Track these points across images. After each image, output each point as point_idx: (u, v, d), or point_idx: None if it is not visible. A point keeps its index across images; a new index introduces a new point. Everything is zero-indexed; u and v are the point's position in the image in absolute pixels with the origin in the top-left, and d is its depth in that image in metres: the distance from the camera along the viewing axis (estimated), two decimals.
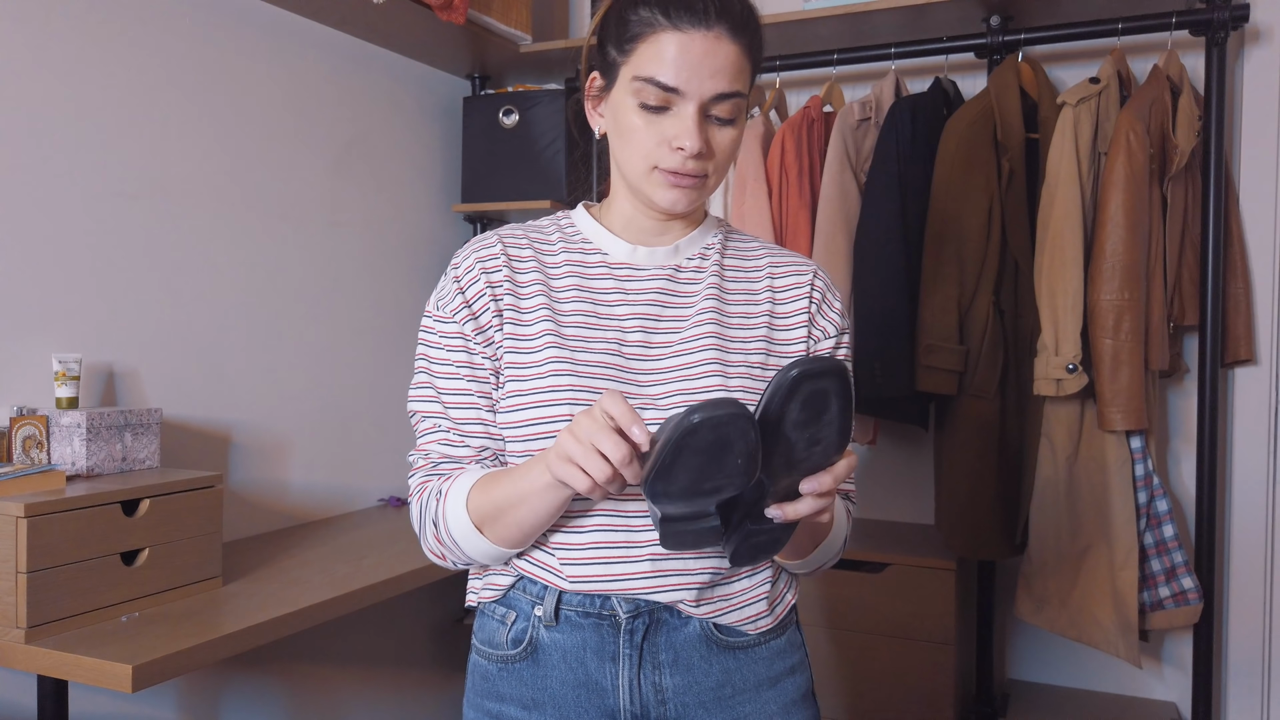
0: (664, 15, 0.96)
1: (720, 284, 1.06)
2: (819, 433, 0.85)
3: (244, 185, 2.15)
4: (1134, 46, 2.32)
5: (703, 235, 1.10)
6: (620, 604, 1.00)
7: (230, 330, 2.12)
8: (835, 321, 1.09)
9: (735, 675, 1.04)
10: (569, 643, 1.01)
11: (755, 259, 1.11)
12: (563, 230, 1.10)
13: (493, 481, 0.99)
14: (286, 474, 2.26)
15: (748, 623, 1.04)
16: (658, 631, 1.01)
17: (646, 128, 0.98)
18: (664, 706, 1.01)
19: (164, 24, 1.97)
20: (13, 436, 1.61)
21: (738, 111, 0.99)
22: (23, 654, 1.41)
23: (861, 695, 2.25)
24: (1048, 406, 2.14)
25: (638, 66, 0.97)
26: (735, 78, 0.97)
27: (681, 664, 1.02)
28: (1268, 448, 2.27)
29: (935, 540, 2.36)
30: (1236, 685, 2.29)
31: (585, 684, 1.01)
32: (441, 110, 2.77)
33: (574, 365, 0.99)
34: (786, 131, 2.31)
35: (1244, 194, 2.26)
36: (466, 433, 1.04)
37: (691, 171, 0.99)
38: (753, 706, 1.04)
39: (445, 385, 1.04)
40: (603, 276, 1.05)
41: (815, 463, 0.86)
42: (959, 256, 2.12)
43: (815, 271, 1.10)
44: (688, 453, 0.81)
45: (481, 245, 1.06)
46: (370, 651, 2.51)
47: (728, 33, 0.96)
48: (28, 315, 1.74)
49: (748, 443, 0.81)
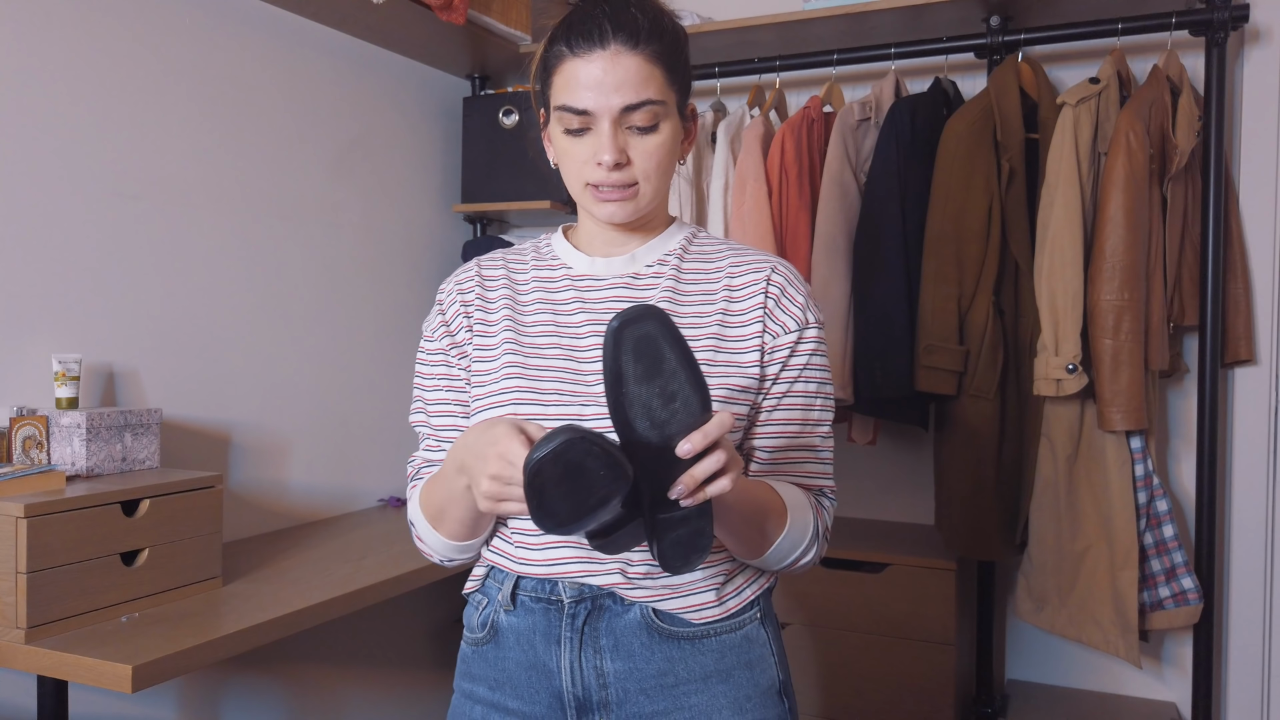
0: (567, 46, 1.04)
1: (676, 287, 1.10)
2: (668, 385, 0.85)
3: (244, 185, 2.15)
4: (1134, 46, 2.32)
5: (664, 242, 1.14)
6: (566, 589, 1.05)
7: (230, 330, 2.12)
8: (795, 315, 1.09)
9: (679, 665, 1.05)
10: (522, 626, 1.07)
11: (716, 260, 1.13)
12: (539, 251, 1.18)
13: (433, 483, 1.09)
14: (286, 474, 2.26)
15: (690, 611, 1.05)
16: (599, 617, 1.05)
17: (574, 150, 1.06)
18: (605, 690, 1.05)
19: (164, 25, 1.97)
20: (13, 437, 1.61)
21: (656, 118, 1.04)
22: (23, 654, 1.41)
23: (861, 695, 2.25)
24: (1048, 407, 2.14)
25: (556, 97, 1.06)
26: (641, 87, 1.03)
27: (622, 650, 1.04)
28: (1268, 448, 2.27)
29: (935, 540, 2.36)
30: (1236, 685, 2.29)
31: (535, 665, 1.07)
32: (441, 110, 2.77)
33: (525, 369, 1.07)
34: (786, 131, 2.31)
35: (1244, 194, 2.26)
36: (444, 439, 1.14)
37: (616, 183, 1.05)
38: (700, 698, 1.05)
39: (429, 397, 1.15)
40: (565, 289, 1.12)
41: (682, 422, 0.86)
42: (959, 257, 2.12)
43: (774, 267, 1.11)
44: (549, 488, 0.83)
45: (461, 271, 1.18)
46: (370, 651, 2.51)
47: (625, 46, 1.02)
48: (28, 315, 1.74)
49: (596, 452, 0.83)
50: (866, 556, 2.26)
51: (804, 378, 1.09)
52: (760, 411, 1.09)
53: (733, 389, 1.06)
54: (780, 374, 1.08)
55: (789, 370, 1.09)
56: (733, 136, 2.40)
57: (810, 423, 1.10)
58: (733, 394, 1.06)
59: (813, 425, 1.11)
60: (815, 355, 1.10)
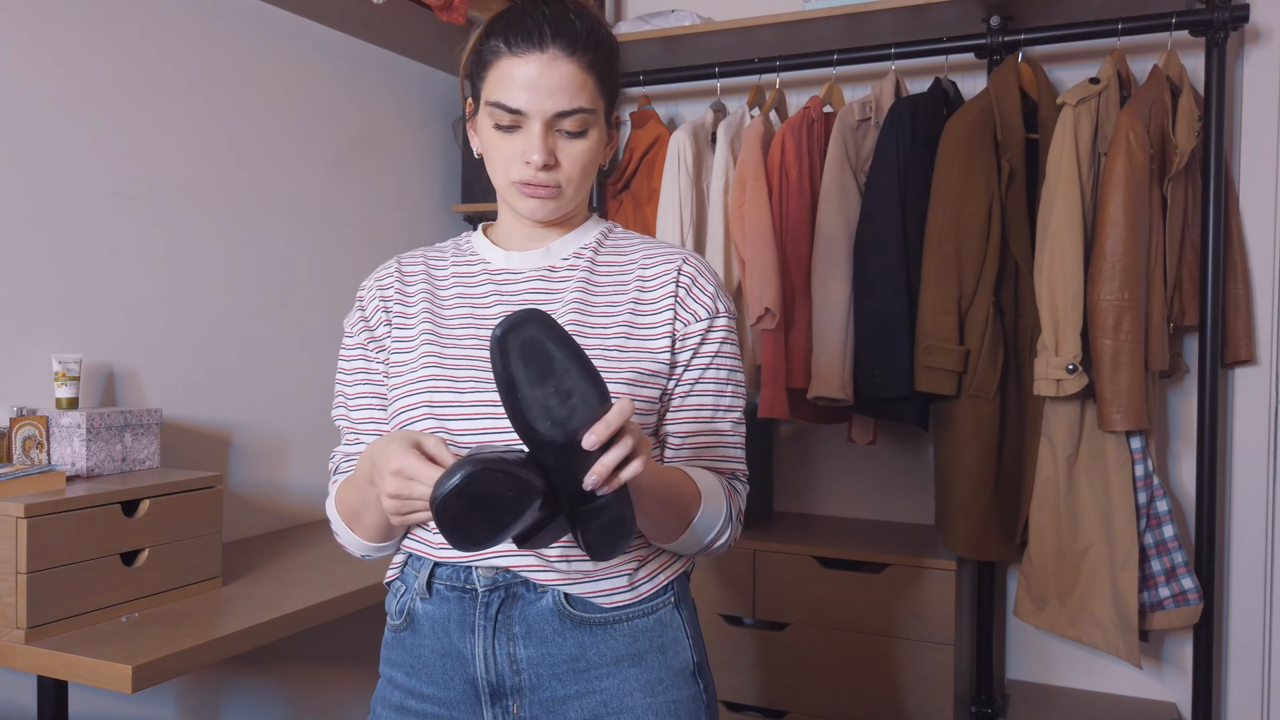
0: (504, 43, 1.05)
1: (589, 279, 1.13)
2: (562, 383, 0.86)
3: (244, 185, 2.15)
4: (1134, 47, 2.32)
5: (579, 237, 1.16)
6: (480, 578, 1.07)
7: (230, 330, 2.12)
8: (706, 304, 1.12)
9: (590, 650, 1.07)
10: (437, 614, 1.09)
11: (629, 254, 1.16)
12: (459, 247, 1.20)
13: (346, 486, 1.11)
14: (286, 474, 2.26)
15: (601, 596, 1.07)
16: (512, 605, 1.06)
17: (502, 145, 1.07)
18: (519, 676, 1.06)
19: (164, 24, 1.97)
20: (13, 437, 1.61)
21: (585, 125, 1.07)
22: (23, 654, 1.41)
23: (862, 695, 2.25)
24: (1048, 406, 2.14)
25: (489, 92, 1.07)
26: (575, 94, 1.05)
27: (535, 636, 1.06)
28: (1268, 448, 2.27)
29: (935, 540, 2.36)
30: (1236, 685, 2.29)
31: (450, 653, 1.08)
32: (442, 110, 2.77)
33: (441, 359, 1.09)
34: (786, 131, 2.31)
35: (1244, 194, 2.26)
36: (362, 431, 1.16)
37: (543, 182, 1.07)
38: (612, 682, 1.07)
39: (349, 391, 1.17)
40: (483, 283, 1.14)
41: (583, 417, 0.86)
42: (959, 257, 2.12)
43: (685, 259, 1.14)
44: (461, 519, 0.84)
45: (381, 269, 1.20)
46: (370, 651, 2.51)
47: (563, 52, 1.04)
48: (28, 315, 1.74)
49: (499, 478, 0.83)
50: (866, 556, 2.26)
51: (715, 365, 1.12)
52: (673, 398, 1.12)
53: (643, 373, 1.08)
54: (691, 360, 1.11)
55: (700, 358, 1.12)
56: (733, 136, 2.40)
57: (722, 408, 1.13)
58: (643, 378, 1.08)
59: (724, 411, 1.14)
60: (725, 344, 1.14)
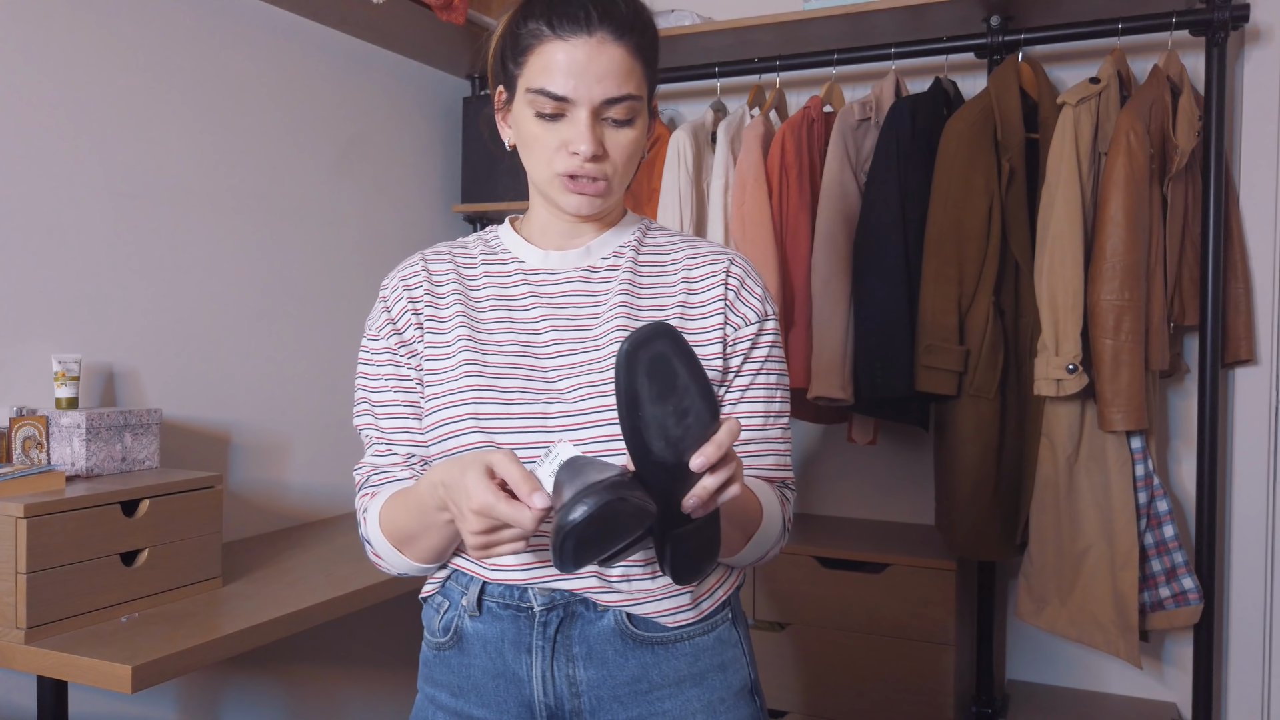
0: (548, 26, 0.99)
1: (633, 280, 1.08)
2: (681, 402, 0.84)
3: (244, 185, 2.15)
4: (1134, 46, 2.32)
5: (617, 235, 1.11)
6: (536, 596, 1.02)
7: (230, 330, 2.12)
8: (756, 307, 1.08)
9: (653, 670, 1.03)
10: (489, 633, 1.04)
11: (672, 253, 1.11)
12: (486, 244, 1.14)
13: (398, 505, 1.03)
14: (286, 474, 2.26)
15: (665, 615, 1.03)
16: (571, 624, 1.02)
17: (544, 136, 1.02)
18: (578, 699, 1.02)
19: (164, 24, 1.97)
20: (12, 437, 1.61)
21: (633, 113, 1.02)
22: (22, 654, 1.41)
23: (862, 695, 2.25)
24: (1048, 406, 2.14)
25: (530, 79, 1.01)
26: (624, 80, 1.00)
27: (595, 657, 1.02)
28: (1268, 448, 2.27)
29: (935, 540, 2.36)
30: (1236, 685, 2.29)
31: (504, 674, 1.03)
32: (441, 110, 2.77)
33: (483, 367, 1.03)
34: (786, 131, 2.31)
35: (1244, 194, 2.26)
36: (393, 441, 1.08)
37: (590, 174, 1.01)
38: (674, 703, 1.03)
39: (376, 398, 1.09)
40: (519, 283, 1.09)
41: (695, 436, 0.84)
42: (959, 256, 2.12)
43: (732, 259, 1.10)
44: (579, 546, 0.81)
45: (405, 266, 1.13)
46: (370, 651, 2.51)
47: (611, 36, 0.99)
48: (28, 315, 1.74)
49: (626, 507, 0.81)
50: (866, 556, 2.26)
51: (765, 370, 1.08)
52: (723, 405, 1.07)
53: None
54: (743, 366, 1.07)
55: (750, 363, 1.08)
56: (733, 136, 2.40)
57: (773, 414, 1.09)
58: None
59: (774, 418, 1.09)
60: (774, 347, 1.10)
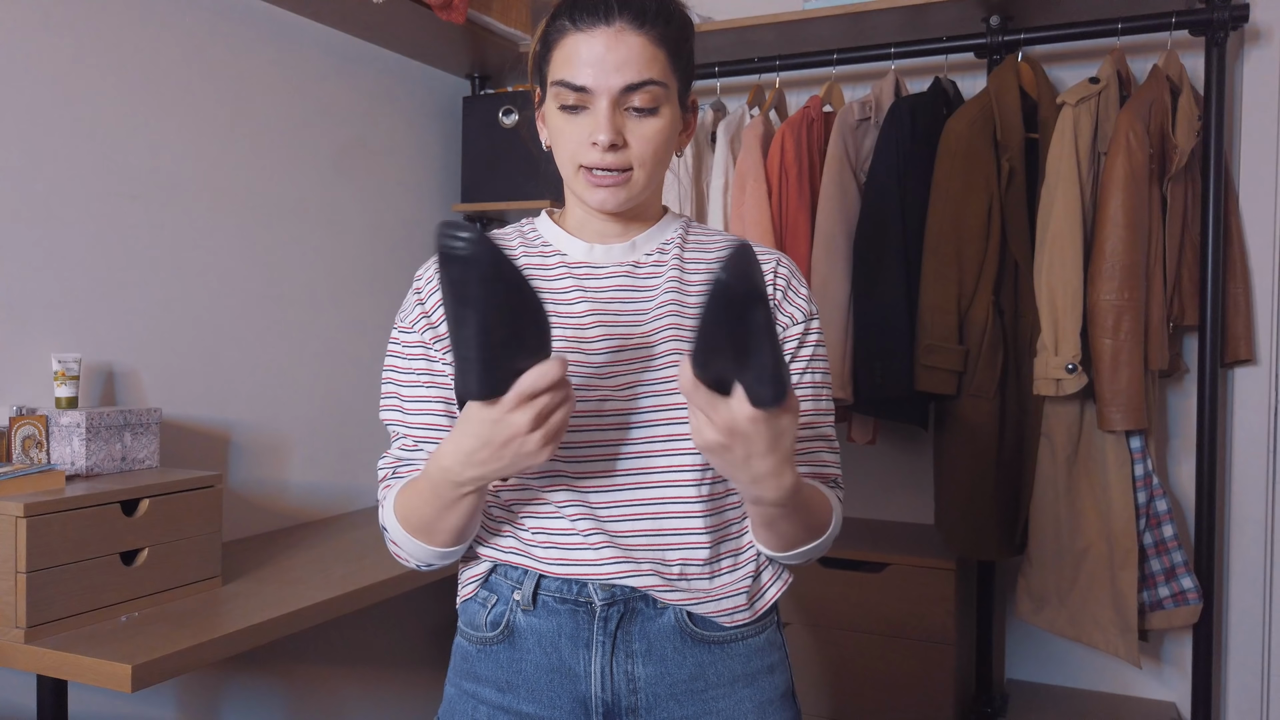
0: (570, 20, 1.01)
1: (681, 276, 1.07)
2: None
3: (244, 185, 2.15)
4: (1134, 46, 2.31)
5: (661, 231, 1.11)
6: (596, 591, 1.02)
7: (230, 330, 2.12)
8: (802, 307, 1.09)
9: (709, 669, 1.04)
10: (545, 627, 1.03)
11: (716, 250, 1.11)
12: (524, 236, 1.13)
13: (411, 493, 1.02)
14: (286, 474, 2.26)
15: (723, 615, 1.04)
16: (632, 620, 1.02)
17: (568, 129, 1.02)
18: (635, 695, 1.02)
19: (164, 24, 1.97)
20: (12, 436, 1.61)
21: (657, 101, 1.01)
22: (22, 654, 1.41)
23: (861, 695, 2.25)
24: (1047, 406, 2.14)
25: (554, 72, 1.02)
26: (645, 67, 0.99)
27: (655, 654, 1.02)
28: (1268, 448, 2.27)
29: (935, 540, 2.36)
30: (1236, 685, 2.29)
31: (559, 669, 1.03)
32: (441, 110, 2.77)
33: None
34: (786, 131, 2.31)
35: (1244, 194, 2.26)
36: (421, 437, 1.06)
37: (610, 165, 1.00)
38: (727, 703, 1.04)
39: (407, 393, 1.07)
40: (562, 276, 1.07)
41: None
42: (959, 256, 2.12)
43: (779, 259, 1.10)
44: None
45: None
46: (370, 651, 2.51)
47: (631, 24, 0.99)
48: (28, 315, 1.74)
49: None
50: (866, 556, 2.26)
51: (812, 368, 1.09)
52: None
53: None
54: (791, 365, 1.07)
55: (798, 361, 1.08)
56: (732, 136, 2.40)
57: (821, 412, 1.10)
58: None
59: (823, 415, 1.10)
60: (819, 345, 1.10)
